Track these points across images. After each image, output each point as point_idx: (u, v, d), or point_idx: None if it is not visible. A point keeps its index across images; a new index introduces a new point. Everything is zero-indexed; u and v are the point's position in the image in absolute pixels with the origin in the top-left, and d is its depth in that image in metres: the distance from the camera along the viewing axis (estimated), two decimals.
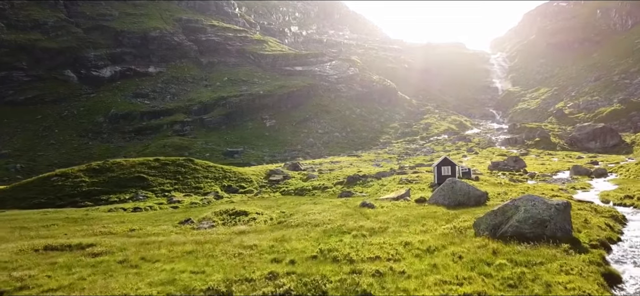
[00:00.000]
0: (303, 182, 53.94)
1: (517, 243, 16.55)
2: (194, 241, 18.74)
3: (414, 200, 34.30)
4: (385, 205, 31.87)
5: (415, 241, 17.52)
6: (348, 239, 18.45)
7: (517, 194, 36.24)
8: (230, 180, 52.57)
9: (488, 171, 65.16)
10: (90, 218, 29.91)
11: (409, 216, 24.36)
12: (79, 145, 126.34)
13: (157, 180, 48.46)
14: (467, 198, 30.73)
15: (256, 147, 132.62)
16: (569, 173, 63.98)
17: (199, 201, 40.99)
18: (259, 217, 25.22)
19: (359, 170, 64.98)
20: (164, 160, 53.18)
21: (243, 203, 34.93)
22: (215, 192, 47.74)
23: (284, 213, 27.65)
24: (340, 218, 24.58)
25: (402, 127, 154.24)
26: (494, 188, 41.26)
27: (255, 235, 20.54)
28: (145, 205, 37.72)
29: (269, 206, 32.22)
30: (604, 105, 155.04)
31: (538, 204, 17.71)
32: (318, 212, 27.15)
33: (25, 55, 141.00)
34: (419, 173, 54.20)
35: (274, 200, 39.94)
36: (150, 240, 19.77)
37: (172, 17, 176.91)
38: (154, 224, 25.63)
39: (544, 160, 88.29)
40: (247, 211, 25.83)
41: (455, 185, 31.75)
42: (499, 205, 18.97)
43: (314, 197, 46.17)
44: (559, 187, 44.63)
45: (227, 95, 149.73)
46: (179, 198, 43.72)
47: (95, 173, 48.39)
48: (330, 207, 30.68)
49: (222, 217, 25.16)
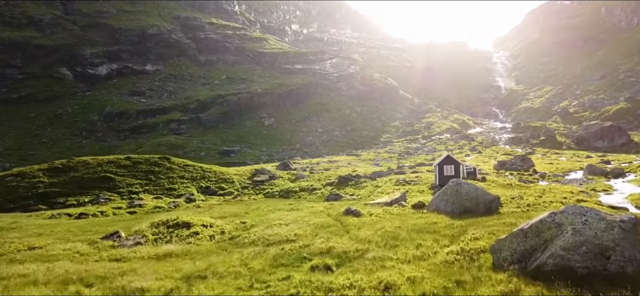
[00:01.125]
0: (290, 183, 47.61)
1: (564, 284, 10.21)
2: (61, 280, 12.57)
3: (410, 206, 27.89)
4: (375, 212, 25.51)
5: (401, 281, 11.22)
6: (300, 276, 12.13)
7: (533, 198, 29.63)
8: (209, 181, 46.36)
9: (494, 171, 58.63)
10: (12, 228, 23.86)
11: (400, 230, 18.06)
12: (71, 144, 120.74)
13: (126, 181, 42.33)
14: (475, 204, 24.35)
15: (254, 146, 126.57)
16: (583, 173, 57.54)
17: (165, 205, 34.74)
18: (204, 231, 19.02)
19: (355, 169, 58.65)
20: (136, 158, 46.96)
21: (199, 210, 28.73)
22: (190, 194, 41.51)
23: (244, 225, 21.41)
24: (310, 233, 18.34)
25: (404, 125, 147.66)
26: (504, 191, 34.86)
27: (177, 261, 14.42)
28: (97, 210, 31.58)
29: (233, 214, 25.99)
30: (610, 103, 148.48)
31: (592, 220, 11.31)
32: (287, 223, 20.93)
33: (20, 53, 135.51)
34: (418, 174, 47.72)
35: (246, 205, 33.69)
36: (20, 272, 13.61)
37: (170, 15, 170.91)
38: (73, 238, 19.56)
39: (552, 160, 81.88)
40: (190, 223, 19.61)
41: (461, 187, 25.33)
42: (530, 222, 12.46)
43: (298, 200, 39.96)
44: (578, 190, 38.08)
45: (225, 93, 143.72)
46: (146, 200, 37.54)
47: (57, 173, 42.37)
48: (308, 214, 24.43)
49: (156, 231, 19.02)
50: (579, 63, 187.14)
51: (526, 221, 19.97)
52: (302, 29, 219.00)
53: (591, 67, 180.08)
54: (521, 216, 21.26)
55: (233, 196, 42.31)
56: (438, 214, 24.17)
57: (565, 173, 60.29)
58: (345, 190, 41.27)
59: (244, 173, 50.71)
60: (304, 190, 43.84)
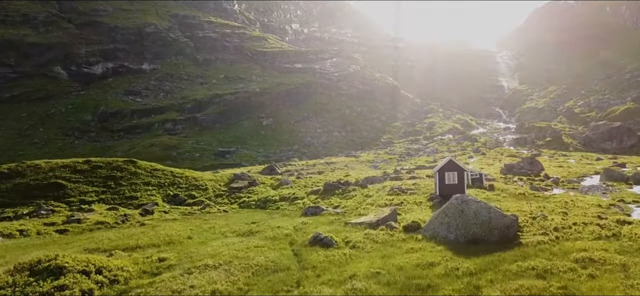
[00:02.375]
0: (271, 191, 41.09)
1: None
2: None
3: (402, 227, 21.26)
4: (354, 238, 18.94)
5: None
6: None
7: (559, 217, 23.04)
8: (179, 188, 40.01)
9: (501, 176, 51.87)
10: None
11: (378, 283, 11.50)
12: (63, 144, 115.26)
13: (80, 188, 36.05)
14: (487, 230, 17.73)
15: (251, 147, 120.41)
16: (600, 179, 50.85)
17: (111, 220, 28.21)
18: (80, 284, 12.42)
19: (347, 174, 52.16)
20: (96, 162, 40.59)
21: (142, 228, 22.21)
22: (152, 204, 35.09)
23: (159, 266, 14.80)
24: (238, 290, 11.81)
25: (405, 126, 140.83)
26: (518, 204, 28.29)
27: None
28: (22, 227, 25.11)
29: (166, 241, 19.40)
30: (616, 103, 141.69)
31: None
32: (220, 263, 14.61)
33: (14, 51, 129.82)
34: (416, 180, 41.06)
35: (204, 221, 27.33)
36: None
37: (168, 13, 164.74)
38: None
39: (560, 162, 75.20)
40: (66, 267, 12.98)
41: (467, 206, 18.69)
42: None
43: (274, 211, 33.58)
44: (606, 201, 31.33)
45: (222, 92, 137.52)
46: (93, 213, 31.09)
47: (0, 178, 36.15)
48: (261, 244, 18.08)
49: (10, 281, 12.49)
50: (583, 63, 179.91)
51: (564, 261, 13.27)
52: (303, 28, 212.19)
53: (596, 66, 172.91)
54: (554, 253, 14.65)
55: (201, 207, 35.88)
56: (436, 244, 17.60)
57: (580, 178, 53.65)
58: (331, 199, 34.71)
59: (221, 178, 44.21)
60: (284, 199, 37.39)
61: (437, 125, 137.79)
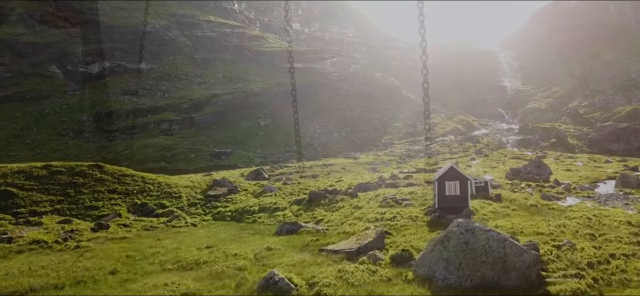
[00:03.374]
0: (252, 199, 36.23)
1: None
2: None
3: (389, 258, 16.26)
4: (322, 278, 13.87)
5: None
6: None
7: (590, 247, 18.36)
8: (149, 196, 35.32)
9: (507, 181, 46.82)
10: None
11: None
12: (57, 145, 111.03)
13: (33, 197, 31.40)
14: (502, 272, 12.79)
15: (248, 148, 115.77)
16: (614, 185, 45.88)
17: (50, 239, 23.34)
18: None
19: (340, 179, 47.26)
20: (56, 167, 35.87)
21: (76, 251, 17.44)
22: (113, 215, 30.34)
23: None
24: None
25: (406, 126, 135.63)
26: (532, 220, 23.34)
27: None
28: None
29: (46, 286, 14.54)
30: (621, 104, 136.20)
31: None
32: None
33: (8, 51, 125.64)
34: (414, 188, 36.10)
35: (158, 240, 22.58)
36: None
37: (166, 13, 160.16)
38: None
39: (568, 165, 70.08)
40: None
41: (474, 237, 13.68)
42: None
43: (251, 224, 28.92)
44: (634, 215, 26.19)
45: (220, 92, 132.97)
46: (44, 226, 26.41)
47: None
48: (198, 286, 13.08)
49: None
50: (587, 63, 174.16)
51: None
52: (304, 28, 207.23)
53: (600, 66, 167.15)
54: None
55: (169, 218, 30.97)
56: (431, 290, 12.52)
57: (592, 184, 48.73)
58: (315, 212, 29.78)
59: (198, 184, 39.38)
60: (264, 209, 32.53)
61: (438, 126, 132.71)
